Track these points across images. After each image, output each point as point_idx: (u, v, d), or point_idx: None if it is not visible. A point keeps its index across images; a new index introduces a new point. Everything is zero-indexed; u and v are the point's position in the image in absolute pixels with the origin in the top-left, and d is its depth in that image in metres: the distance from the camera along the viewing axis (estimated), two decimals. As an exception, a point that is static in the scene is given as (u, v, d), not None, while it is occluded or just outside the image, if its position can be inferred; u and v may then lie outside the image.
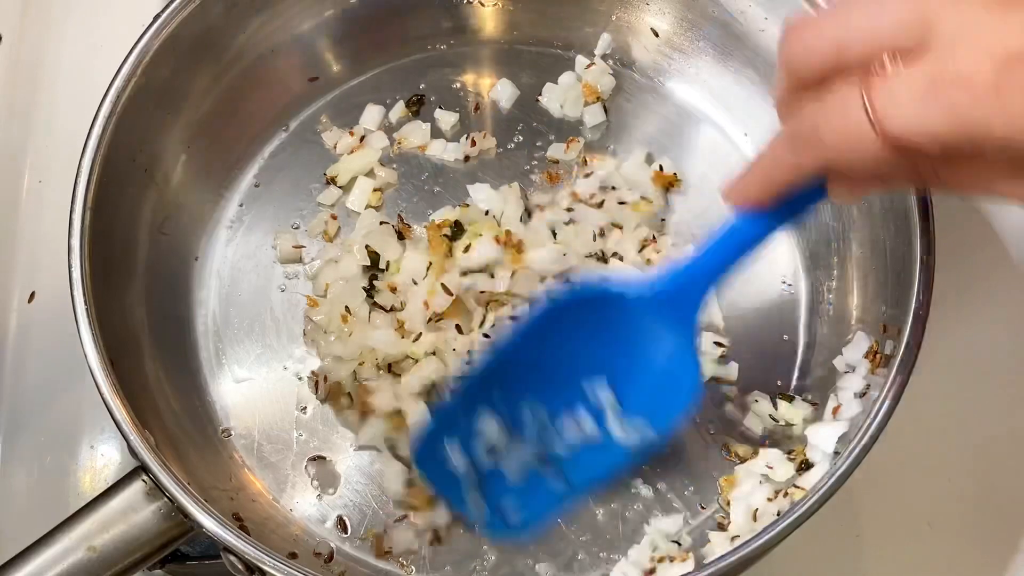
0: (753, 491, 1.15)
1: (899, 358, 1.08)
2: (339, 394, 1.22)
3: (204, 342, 1.27)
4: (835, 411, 1.16)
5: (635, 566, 1.14)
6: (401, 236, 1.28)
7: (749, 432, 1.21)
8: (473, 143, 1.33)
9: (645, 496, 1.19)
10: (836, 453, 1.11)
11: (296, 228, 1.32)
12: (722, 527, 1.16)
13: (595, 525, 1.18)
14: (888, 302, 1.18)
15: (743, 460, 1.19)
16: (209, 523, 1.02)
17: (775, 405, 1.22)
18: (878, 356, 1.15)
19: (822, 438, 1.14)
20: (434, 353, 1.20)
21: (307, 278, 1.30)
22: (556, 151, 1.35)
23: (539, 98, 1.38)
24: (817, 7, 1.22)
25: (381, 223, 1.28)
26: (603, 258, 1.26)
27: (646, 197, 1.31)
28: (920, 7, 0.73)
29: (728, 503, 1.17)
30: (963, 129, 0.71)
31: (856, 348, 1.19)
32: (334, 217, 1.31)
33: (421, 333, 1.20)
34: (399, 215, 1.30)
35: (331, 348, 1.23)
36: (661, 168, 1.33)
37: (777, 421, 1.21)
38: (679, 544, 1.15)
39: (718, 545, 1.13)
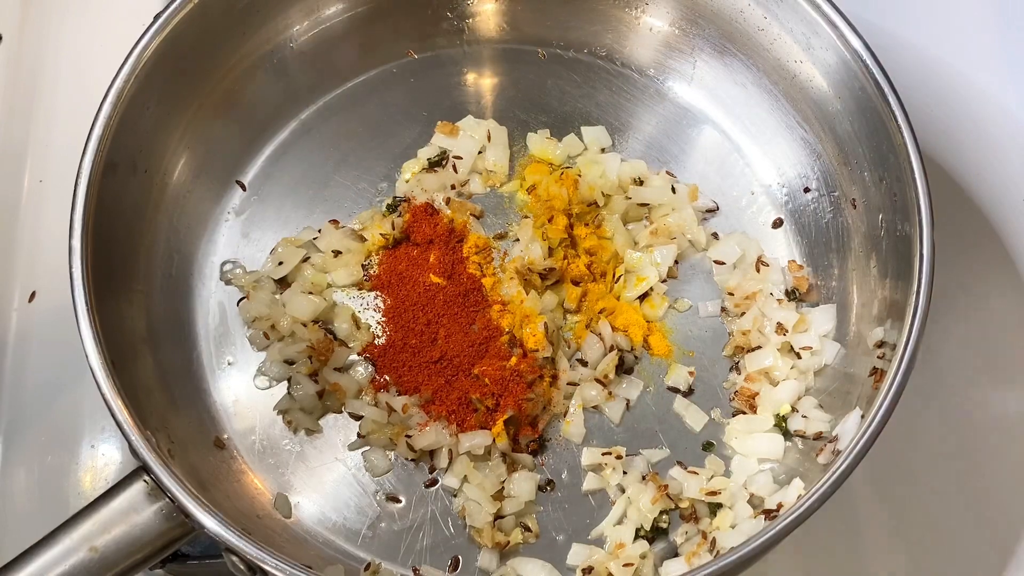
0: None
1: (899, 358, 1.08)
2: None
3: (205, 343, 1.28)
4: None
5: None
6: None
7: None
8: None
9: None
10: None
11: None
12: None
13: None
14: (888, 302, 1.19)
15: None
16: (211, 523, 1.03)
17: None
18: (878, 359, 1.16)
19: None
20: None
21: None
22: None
23: None
24: (815, 5, 1.23)
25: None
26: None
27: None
28: None
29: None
30: None
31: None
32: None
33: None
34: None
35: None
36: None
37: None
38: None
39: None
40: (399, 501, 1.21)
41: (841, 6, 1.22)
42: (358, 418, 1.23)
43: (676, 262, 1.31)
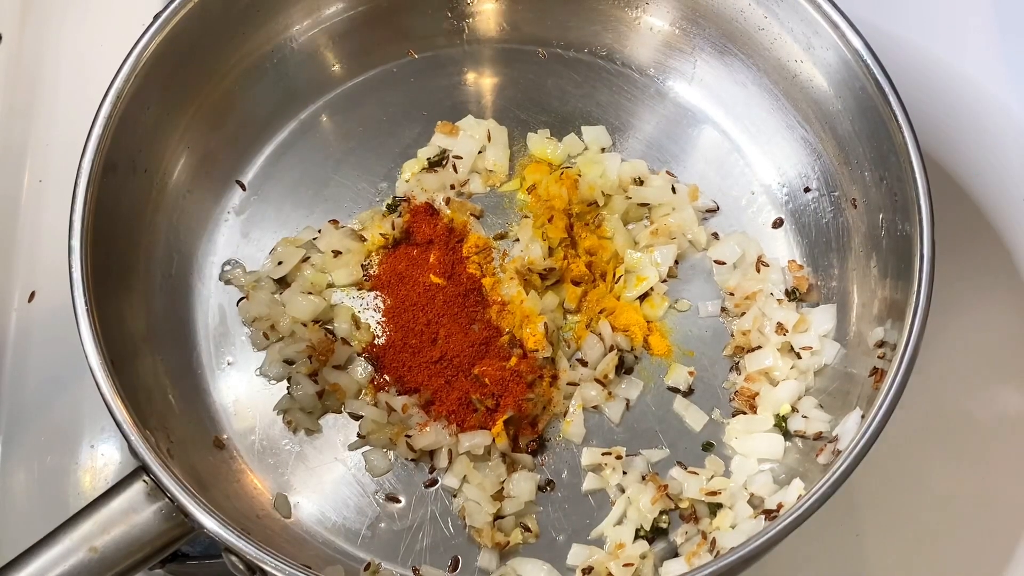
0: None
1: (899, 358, 1.08)
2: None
3: (204, 343, 1.28)
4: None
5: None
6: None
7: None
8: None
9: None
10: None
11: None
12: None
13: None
14: (888, 302, 1.18)
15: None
16: (210, 523, 1.03)
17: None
18: (878, 359, 1.16)
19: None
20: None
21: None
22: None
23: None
24: (816, 5, 1.23)
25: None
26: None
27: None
28: None
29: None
30: None
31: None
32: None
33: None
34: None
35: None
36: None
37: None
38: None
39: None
40: (399, 501, 1.21)
41: (842, 6, 1.22)
42: (358, 418, 1.23)
43: (676, 262, 1.31)
